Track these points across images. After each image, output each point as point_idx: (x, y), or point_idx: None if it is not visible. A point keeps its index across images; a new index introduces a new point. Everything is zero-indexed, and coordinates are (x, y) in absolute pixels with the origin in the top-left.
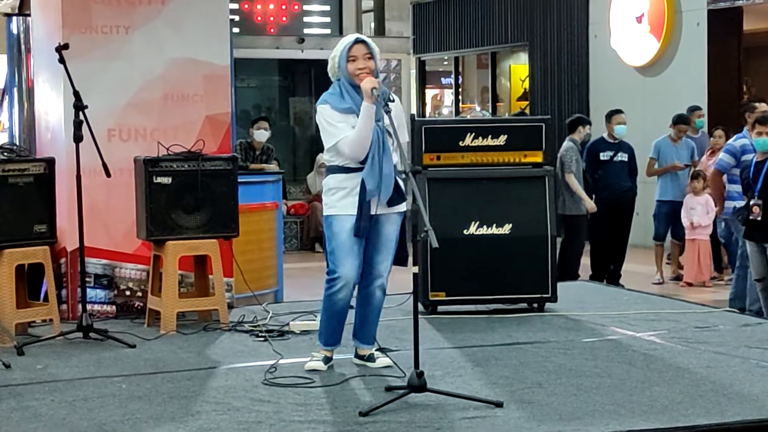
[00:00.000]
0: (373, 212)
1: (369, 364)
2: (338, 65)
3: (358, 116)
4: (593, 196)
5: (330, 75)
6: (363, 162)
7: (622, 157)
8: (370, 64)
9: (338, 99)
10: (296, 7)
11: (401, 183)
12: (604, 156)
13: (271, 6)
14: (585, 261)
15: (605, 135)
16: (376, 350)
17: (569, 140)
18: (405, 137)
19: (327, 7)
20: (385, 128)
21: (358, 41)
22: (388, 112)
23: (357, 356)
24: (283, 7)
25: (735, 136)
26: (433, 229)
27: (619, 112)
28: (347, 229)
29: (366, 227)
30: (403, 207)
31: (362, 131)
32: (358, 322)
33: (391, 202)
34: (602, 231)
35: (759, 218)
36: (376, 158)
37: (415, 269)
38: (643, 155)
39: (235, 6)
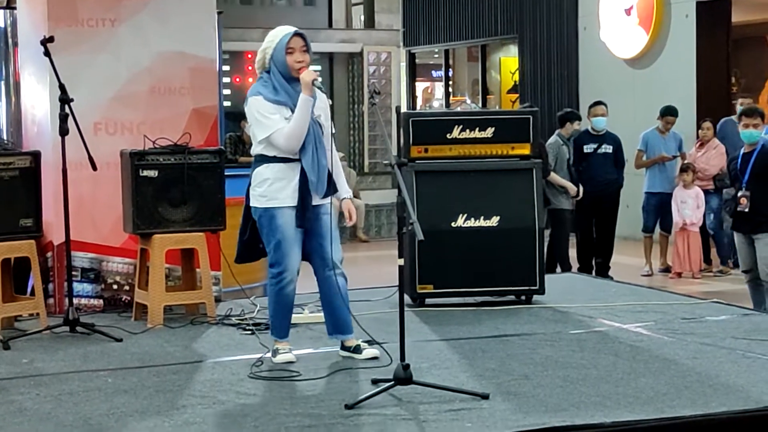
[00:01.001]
0: (314, 203)
1: (355, 355)
2: (272, 57)
3: (291, 109)
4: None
5: (257, 67)
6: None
7: (606, 149)
8: (307, 58)
9: (271, 91)
10: None
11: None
12: (588, 148)
13: None
14: (572, 253)
15: (589, 127)
16: (364, 342)
17: (556, 135)
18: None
19: None
20: (317, 121)
21: (296, 34)
22: (373, 104)
23: (343, 348)
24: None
25: None
26: (418, 222)
27: (598, 104)
28: (290, 222)
29: (310, 218)
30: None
31: (299, 123)
32: (332, 315)
33: (326, 194)
34: (587, 223)
35: (746, 209)
36: (316, 151)
37: (401, 262)
38: (632, 147)
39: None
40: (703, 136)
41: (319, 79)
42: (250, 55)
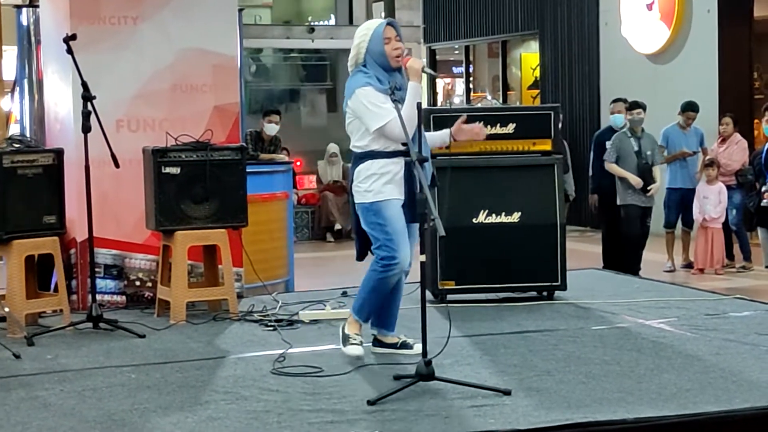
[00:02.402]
0: None
1: (405, 351)
2: (368, 49)
3: (394, 99)
4: (599, 184)
5: (351, 64)
6: (404, 144)
7: None
8: (402, 46)
9: (376, 81)
10: None
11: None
12: (609, 145)
13: None
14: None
15: (611, 124)
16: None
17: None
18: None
19: None
20: None
21: (389, 23)
22: (395, 101)
23: (384, 345)
24: None
25: None
26: (440, 218)
27: (616, 101)
28: (398, 214)
29: (419, 214)
30: None
31: (412, 111)
32: (387, 309)
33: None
34: (608, 220)
35: None
36: (424, 141)
37: (423, 258)
38: None
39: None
40: (724, 131)
41: (425, 66)
42: None
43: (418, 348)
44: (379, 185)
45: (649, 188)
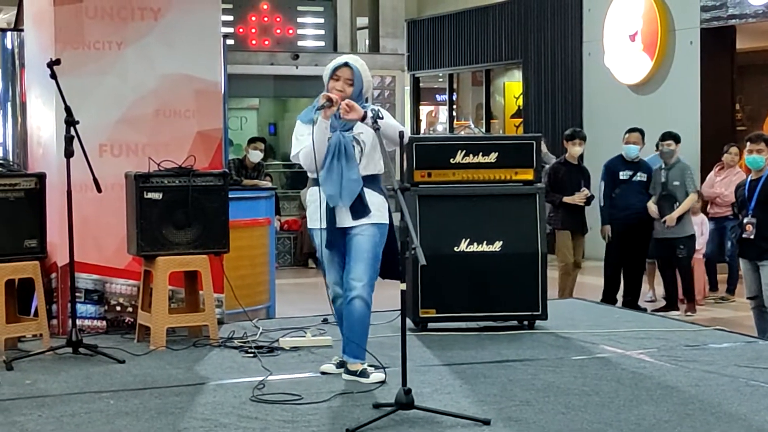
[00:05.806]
0: (339, 225)
1: (361, 379)
2: (325, 81)
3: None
4: (610, 215)
5: None
6: None
7: (642, 177)
8: (348, 90)
9: (307, 112)
10: (290, 31)
11: (371, 196)
12: (623, 175)
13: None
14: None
15: (623, 153)
16: (369, 366)
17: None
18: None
19: (321, 20)
20: (356, 138)
21: (346, 65)
22: (377, 129)
23: (347, 372)
24: (278, 19)
25: None
26: (420, 247)
27: (632, 131)
28: (321, 242)
29: (334, 240)
30: (375, 219)
31: (314, 143)
32: (343, 335)
33: (356, 215)
34: (617, 253)
35: (752, 236)
36: (335, 166)
37: (403, 286)
38: None
39: (230, 30)
40: (731, 161)
41: (337, 102)
42: None
43: (374, 377)
44: (311, 212)
45: (663, 219)
